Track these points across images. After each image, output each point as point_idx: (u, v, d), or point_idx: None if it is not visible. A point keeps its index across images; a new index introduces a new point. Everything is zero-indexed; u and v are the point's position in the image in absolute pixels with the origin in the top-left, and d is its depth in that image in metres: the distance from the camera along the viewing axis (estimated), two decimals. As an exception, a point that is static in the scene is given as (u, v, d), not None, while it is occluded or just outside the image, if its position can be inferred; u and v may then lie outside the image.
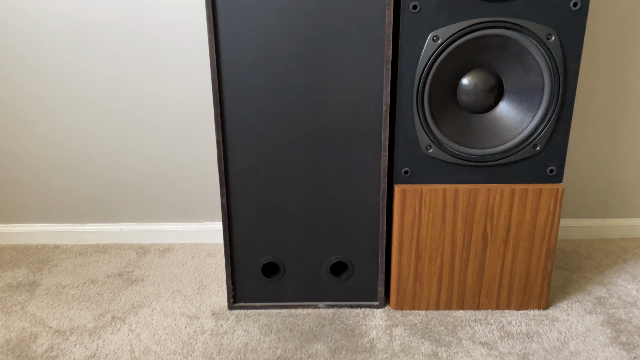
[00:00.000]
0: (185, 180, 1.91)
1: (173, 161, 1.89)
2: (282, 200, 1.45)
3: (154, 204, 1.95)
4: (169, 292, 1.64)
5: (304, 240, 1.49)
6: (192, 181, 1.91)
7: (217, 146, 1.39)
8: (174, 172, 1.90)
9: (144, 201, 1.95)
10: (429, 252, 1.46)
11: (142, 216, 1.97)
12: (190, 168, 1.90)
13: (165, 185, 1.92)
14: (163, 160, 1.89)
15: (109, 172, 1.91)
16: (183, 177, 1.91)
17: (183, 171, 1.90)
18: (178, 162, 1.89)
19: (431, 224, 1.44)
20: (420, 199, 1.42)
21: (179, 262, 1.84)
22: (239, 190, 1.44)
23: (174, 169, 1.90)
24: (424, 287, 1.50)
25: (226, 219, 1.46)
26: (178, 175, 1.91)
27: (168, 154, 1.88)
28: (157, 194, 1.93)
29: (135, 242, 1.98)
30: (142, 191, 1.93)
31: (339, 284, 1.53)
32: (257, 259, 1.51)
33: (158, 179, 1.91)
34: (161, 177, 1.91)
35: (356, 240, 1.48)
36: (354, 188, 1.43)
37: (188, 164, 1.89)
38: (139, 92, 1.81)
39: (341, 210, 1.45)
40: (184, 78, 1.79)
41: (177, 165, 1.89)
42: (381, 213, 1.45)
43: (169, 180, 1.92)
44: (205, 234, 1.96)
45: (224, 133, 1.38)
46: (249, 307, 1.54)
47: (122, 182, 1.92)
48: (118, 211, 1.96)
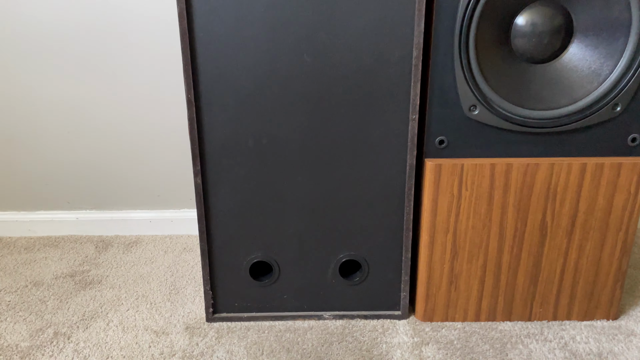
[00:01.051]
0: (156, 157, 1.55)
1: (140, 133, 1.52)
2: (276, 179, 1.09)
3: (117, 188, 1.58)
4: (131, 299, 1.29)
5: (305, 232, 1.13)
6: (164, 158, 1.55)
7: (188, 106, 1.03)
8: (142, 148, 1.54)
9: (105, 184, 1.58)
10: (470, 247, 1.12)
11: (103, 202, 1.60)
12: (163, 141, 1.53)
13: (132, 164, 1.56)
14: (128, 132, 1.52)
15: (62, 149, 1.54)
16: (153, 153, 1.54)
17: (153, 146, 1.53)
18: (147, 134, 1.52)
19: (473, 211, 1.09)
20: (460, 177, 1.07)
21: (148, 258, 1.48)
22: (219, 167, 1.08)
23: (142, 143, 1.53)
24: (460, 292, 1.16)
25: (202, 204, 1.10)
26: (147, 151, 1.54)
27: (134, 124, 1.51)
28: (121, 174, 1.57)
29: (95, 234, 1.62)
30: (103, 172, 1.57)
31: (350, 288, 1.18)
32: (244, 257, 1.16)
33: (122, 157, 1.55)
34: (126, 153, 1.55)
35: (373, 232, 1.13)
36: (371, 163, 1.08)
37: (159, 137, 1.53)
38: (95, 43, 1.43)
39: (354, 192, 1.10)
40: (150, 23, 1.41)
41: (145, 139, 1.53)
42: (407, 196, 1.10)
43: (135, 157, 1.55)
44: (182, 224, 1.61)
45: (196, 88, 1.02)
46: (233, 319, 1.19)
47: (78, 160, 1.55)
48: (74, 196, 1.60)
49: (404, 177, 1.09)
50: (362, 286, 1.18)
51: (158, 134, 1.52)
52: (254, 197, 1.10)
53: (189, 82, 1.01)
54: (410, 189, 1.09)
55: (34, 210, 1.62)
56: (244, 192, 1.10)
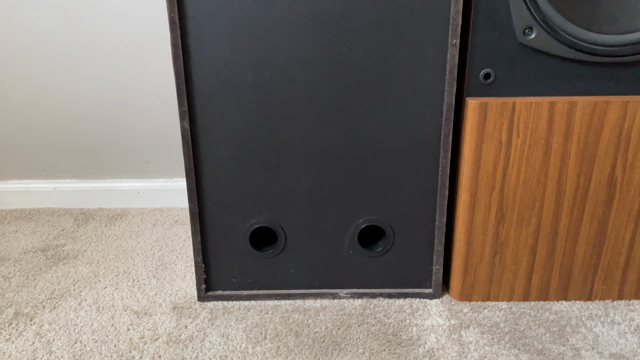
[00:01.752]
0: (145, 117, 1.35)
1: (126, 89, 1.32)
2: (282, 124, 0.89)
3: (100, 153, 1.39)
4: (111, 275, 1.09)
5: (316, 191, 0.93)
6: (154, 118, 1.35)
7: (171, 29, 0.82)
8: (128, 106, 1.34)
9: (86, 149, 1.38)
10: (519, 209, 0.91)
11: (84, 171, 1.40)
12: (152, 99, 1.33)
13: (116, 126, 1.36)
14: (111, 88, 1.32)
15: (36, 109, 1.34)
16: (141, 112, 1.34)
17: (141, 104, 1.33)
18: (133, 90, 1.32)
19: (526, 163, 0.88)
20: (510, 120, 0.86)
21: (133, 232, 1.28)
22: (211, 109, 0.88)
23: (128, 100, 1.33)
24: (506, 265, 0.95)
25: (190, 155, 0.89)
26: (133, 110, 1.34)
27: (118, 78, 1.31)
28: (104, 138, 1.37)
29: (75, 207, 1.42)
30: (84, 135, 1.37)
31: (371, 261, 0.98)
32: (242, 222, 0.95)
33: (105, 117, 1.35)
34: (110, 113, 1.34)
35: (400, 190, 0.93)
36: (399, 103, 0.87)
37: (148, 93, 1.32)
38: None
39: (377, 141, 0.90)
40: (134, -40, 1.21)
41: (131, 96, 1.33)
42: (443, 145, 0.89)
43: (120, 117, 1.35)
44: (174, 195, 1.41)
45: (180, 4, 0.82)
46: (230, 298, 0.99)
47: (55, 122, 1.35)
48: (51, 164, 1.40)
49: (439, 121, 0.88)
50: (385, 258, 0.97)
51: (146, 90, 1.32)
52: (255, 146, 0.90)
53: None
54: (448, 135, 0.89)
55: (5, 180, 1.42)
56: (242, 140, 0.89)
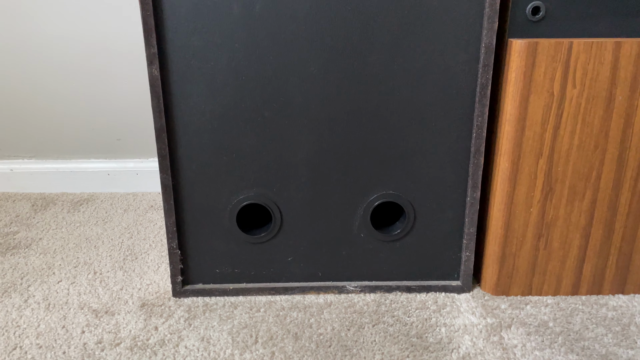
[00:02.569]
0: (115, 86, 1.16)
1: (93, 52, 1.13)
2: (277, 70, 0.70)
3: (64, 130, 1.19)
4: (68, 267, 0.90)
5: (319, 158, 0.75)
6: (127, 88, 1.16)
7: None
8: (96, 73, 1.15)
9: (48, 125, 1.19)
10: (572, 180, 0.74)
11: (46, 149, 1.21)
12: (124, 63, 1.14)
13: (82, 97, 1.17)
14: (76, 52, 1.13)
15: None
16: (111, 80, 1.15)
17: (111, 70, 1.15)
18: (101, 53, 1.13)
19: (582, 122, 0.71)
20: (565, 65, 0.69)
21: (100, 218, 1.09)
22: (188, 49, 0.69)
23: (95, 66, 1.14)
24: (553, 250, 0.77)
25: (161, 110, 0.71)
26: (102, 78, 1.15)
27: (83, 38, 1.12)
28: (69, 112, 1.18)
29: (35, 191, 1.23)
30: (45, 108, 1.17)
31: (386, 246, 0.80)
32: (228, 198, 0.77)
33: (70, 87, 1.16)
34: (74, 82, 1.15)
35: (423, 158, 0.75)
36: (424, 45, 0.70)
37: (119, 57, 1.14)
38: None
39: (396, 93, 0.72)
40: None
41: (100, 60, 1.14)
42: (479, 99, 0.71)
43: (87, 87, 1.16)
44: (150, 177, 1.22)
45: None
46: (213, 293, 0.81)
47: (11, 92, 1.16)
48: (6, 142, 1.21)
49: (475, 67, 0.71)
50: (404, 243, 0.79)
51: (117, 53, 1.13)
52: (243, 100, 0.72)
53: None
54: (486, 86, 0.71)
55: (-46, 160, 1.23)
56: (228, 92, 0.71)
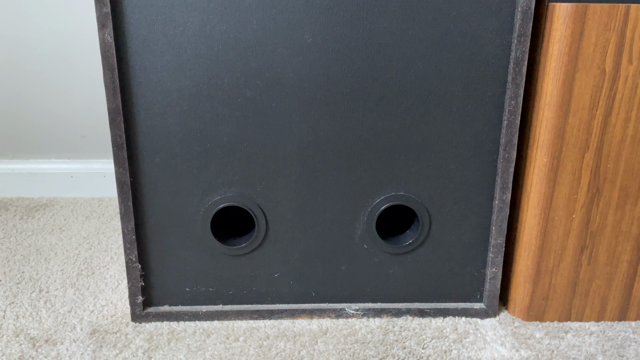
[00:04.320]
0: (79, 75, 1.01)
1: (51, 38, 0.99)
2: (262, 40, 0.56)
3: (21, 126, 1.05)
4: (10, 283, 0.75)
5: (314, 151, 0.60)
6: (92, 79, 1.02)
7: None
8: (56, 60, 1.00)
9: (3, 121, 1.04)
10: (624, 180, 0.60)
11: (0, 148, 1.06)
12: (88, 51, 1.00)
13: (41, 89, 1.02)
14: (31, 36, 0.99)
15: None
16: (74, 68, 1.01)
17: (73, 58, 1.00)
18: (62, 39, 0.99)
19: (639, 107, 0.58)
20: (620, 35, 0.55)
21: (57, 226, 0.94)
22: (151, 8, 0.55)
23: (55, 52, 1.00)
24: (599, 266, 0.63)
25: (116, 87, 0.57)
26: (64, 67, 1.01)
27: (40, 21, 0.98)
28: (26, 105, 1.03)
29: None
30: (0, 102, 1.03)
31: (395, 259, 0.65)
32: (200, 200, 0.62)
33: (26, 76, 1.01)
34: (31, 71, 1.01)
35: (440, 152, 0.61)
36: (445, 8, 0.56)
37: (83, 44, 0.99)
38: None
39: (408, 71, 0.58)
40: None
41: (60, 47, 0.99)
42: (512, 76, 0.58)
43: (46, 77, 1.01)
44: (118, 180, 1.06)
45: None
46: (181, 316, 0.65)
47: (-46, 76, 1.01)
48: (-48, 136, 1.06)
49: (508, 38, 0.57)
50: (416, 256, 0.65)
51: (80, 38, 0.99)
52: (220, 75, 0.57)
53: None
54: (521, 61, 0.57)
55: None
56: (200, 64, 0.57)
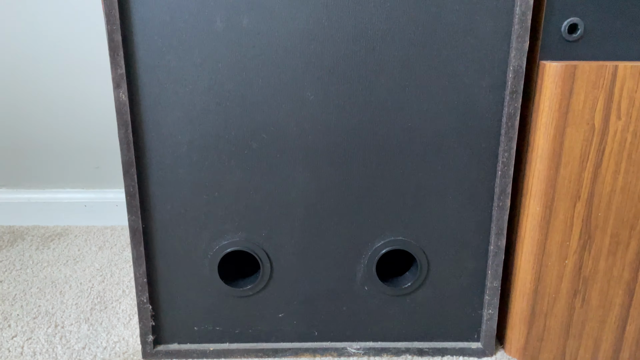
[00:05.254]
0: (93, 108, 1.05)
1: (67, 71, 1.03)
2: (268, 97, 0.60)
3: (37, 157, 1.09)
4: (27, 318, 0.78)
5: (317, 199, 0.64)
6: (106, 110, 1.06)
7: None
8: (71, 93, 1.04)
9: (19, 151, 1.08)
10: (615, 228, 0.62)
11: (17, 178, 1.10)
12: (102, 81, 1.04)
13: (57, 120, 1.06)
14: (49, 70, 1.03)
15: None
16: (89, 102, 1.05)
17: (88, 90, 1.04)
18: (76, 70, 1.03)
19: (628, 159, 0.60)
20: (608, 93, 0.58)
21: (72, 257, 0.97)
22: (162, 70, 0.59)
23: (71, 86, 1.04)
24: (591, 309, 0.66)
25: (130, 142, 0.60)
26: (79, 98, 1.05)
27: (56, 52, 1.02)
28: (42, 137, 1.07)
29: (5, 224, 1.12)
30: (17, 132, 1.07)
31: (394, 301, 0.68)
32: (209, 244, 0.65)
33: (44, 109, 1.05)
34: (49, 104, 1.05)
35: (438, 200, 0.64)
36: (441, 67, 0.59)
37: (97, 74, 1.03)
38: None
39: (407, 125, 0.61)
40: None
41: (75, 78, 1.04)
42: (505, 131, 0.60)
43: (62, 109, 1.06)
44: (130, 210, 1.10)
45: None
46: (190, 354, 0.69)
47: (-26, 111, 1.06)
48: (-28, 167, 1.10)
49: (501, 94, 0.60)
50: (415, 297, 0.68)
51: (94, 69, 1.03)
52: (227, 129, 0.61)
53: None
54: (514, 116, 0.60)
55: None
56: (209, 120, 0.60)
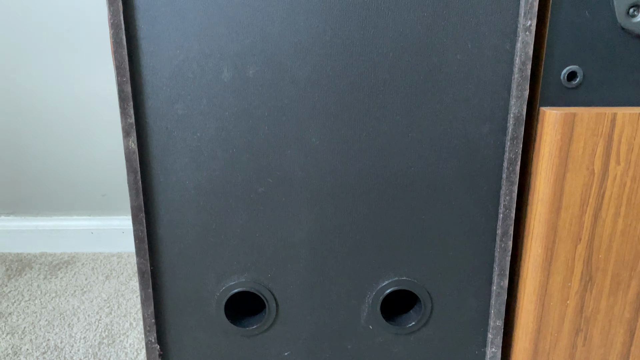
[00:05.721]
0: (99, 137, 1.07)
1: (75, 102, 1.05)
2: (273, 143, 0.61)
3: (45, 184, 1.10)
4: (37, 352, 0.79)
5: (322, 240, 0.65)
6: (112, 139, 1.07)
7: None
8: (78, 123, 1.06)
9: (27, 179, 1.10)
10: (615, 269, 0.63)
11: (24, 205, 1.12)
12: (108, 112, 1.06)
13: (64, 149, 1.08)
14: (57, 100, 1.05)
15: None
16: (95, 131, 1.07)
17: (94, 121, 1.06)
18: (84, 103, 1.05)
19: (628, 203, 0.61)
20: (607, 140, 0.59)
21: (79, 287, 0.99)
22: (171, 118, 0.60)
23: (78, 116, 1.06)
24: (593, 347, 0.67)
25: (139, 188, 0.61)
26: (85, 127, 1.06)
27: (61, 82, 1.04)
28: (50, 165, 1.09)
29: (12, 251, 1.13)
30: (24, 160, 1.09)
31: (399, 340, 0.69)
32: (215, 285, 0.67)
33: (51, 138, 1.07)
34: (56, 133, 1.07)
35: (442, 241, 0.65)
36: (443, 113, 0.60)
37: (103, 105, 1.05)
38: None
39: (410, 169, 0.62)
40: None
41: (82, 110, 1.05)
42: (507, 175, 0.62)
43: (69, 138, 1.07)
44: (136, 237, 1.11)
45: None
46: (197, 392, 0.70)
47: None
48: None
49: (502, 140, 0.61)
50: (420, 336, 0.69)
51: (100, 100, 1.04)
52: (233, 174, 0.62)
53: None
54: (514, 161, 0.61)
55: None
56: (216, 165, 0.62)
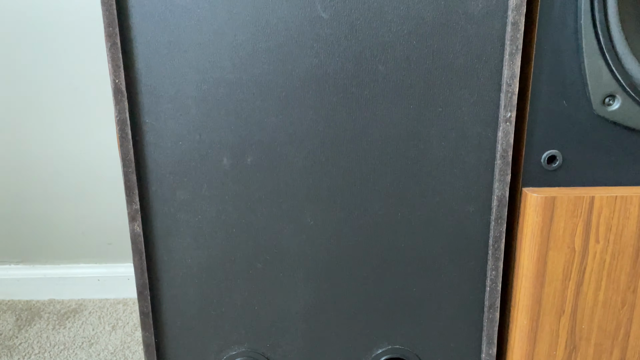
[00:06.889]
0: (106, 189, 1.11)
1: (81, 155, 1.09)
2: (271, 224, 0.64)
3: (53, 233, 1.14)
4: (45, 411, 0.82)
5: (318, 312, 0.68)
6: (117, 191, 1.11)
7: (115, 97, 0.59)
8: (86, 176, 1.10)
9: (36, 228, 1.14)
10: (598, 338, 0.66)
11: (33, 254, 1.16)
12: (113, 165, 1.09)
13: (72, 200, 1.12)
14: (64, 154, 1.08)
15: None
16: (101, 183, 1.10)
17: (100, 174, 1.10)
18: (90, 156, 1.09)
19: (608, 278, 0.64)
20: (586, 220, 0.62)
21: (86, 338, 1.02)
22: (173, 203, 0.64)
23: (85, 169, 1.10)
24: (579, 412, 0.69)
25: (144, 269, 0.65)
26: (92, 181, 1.10)
27: (72, 143, 1.08)
28: (58, 215, 1.13)
29: (22, 299, 1.17)
30: (34, 211, 1.12)
31: (392, 403, 0.72)
32: (217, 355, 0.70)
33: (59, 189, 1.11)
34: (64, 185, 1.11)
35: (433, 310, 0.68)
36: (431, 196, 0.63)
37: (108, 160, 1.09)
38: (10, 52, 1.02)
39: (401, 246, 0.65)
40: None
41: (89, 164, 1.09)
42: (492, 253, 0.65)
43: (77, 190, 1.11)
44: (141, 284, 1.15)
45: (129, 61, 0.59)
46: None
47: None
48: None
49: (487, 220, 0.64)
50: (412, 399, 0.72)
51: (105, 154, 1.08)
52: (233, 252, 0.65)
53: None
54: (499, 239, 0.64)
55: (-62, 265, 1.17)
56: (216, 244, 0.65)
